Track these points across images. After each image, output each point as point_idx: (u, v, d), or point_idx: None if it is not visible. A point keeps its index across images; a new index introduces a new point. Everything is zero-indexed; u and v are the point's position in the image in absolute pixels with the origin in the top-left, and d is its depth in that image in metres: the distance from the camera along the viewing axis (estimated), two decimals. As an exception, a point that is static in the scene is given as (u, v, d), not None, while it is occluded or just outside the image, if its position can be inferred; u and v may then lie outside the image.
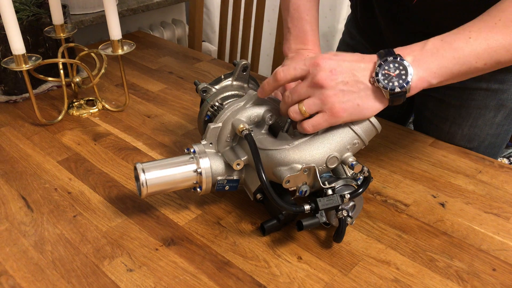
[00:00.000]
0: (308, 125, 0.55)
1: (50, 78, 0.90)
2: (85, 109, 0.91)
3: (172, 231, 0.62)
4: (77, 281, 0.54)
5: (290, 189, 0.56)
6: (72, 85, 0.94)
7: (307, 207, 0.55)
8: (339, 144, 0.56)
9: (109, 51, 0.84)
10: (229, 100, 0.66)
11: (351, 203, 0.59)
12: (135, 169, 0.58)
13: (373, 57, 0.54)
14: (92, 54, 0.94)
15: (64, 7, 0.94)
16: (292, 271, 0.56)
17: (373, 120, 0.56)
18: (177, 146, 0.80)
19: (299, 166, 0.55)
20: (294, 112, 0.56)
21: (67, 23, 0.94)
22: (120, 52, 0.83)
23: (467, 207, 0.66)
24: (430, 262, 0.57)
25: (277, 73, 0.56)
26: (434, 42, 0.53)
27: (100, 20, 1.33)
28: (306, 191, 0.56)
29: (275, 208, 0.60)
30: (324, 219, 0.56)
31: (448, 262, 0.57)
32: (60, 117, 0.87)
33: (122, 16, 1.40)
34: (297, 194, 0.56)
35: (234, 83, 0.70)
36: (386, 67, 0.52)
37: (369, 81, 0.53)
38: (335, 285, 0.54)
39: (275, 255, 0.58)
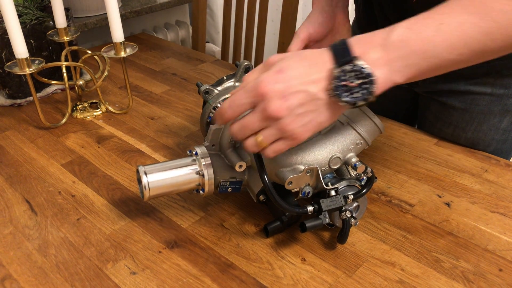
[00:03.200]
0: (269, 152, 0.48)
1: (53, 82, 0.91)
2: (89, 111, 0.91)
3: (175, 233, 0.62)
4: (80, 284, 0.54)
5: (293, 191, 0.55)
6: (76, 88, 0.94)
7: (310, 208, 0.55)
8: (342, 145, 0.55)
9: (112, 53, 0.84)
10: None
11: (355, 204, 0.58)
12: (138, 171, 0.58)
13: (326, 61, 0.45)
14: (95, 57, 0.94)
15: (67, 10, 0.94)
16: (296, 273, 0.55)
17: (377, 120, 0.56)
18: (181, 148, 0.80)
19: (302, 167, 0.54)
20: (251, 146, 0.48)
21: (70, 26, 0.95)
22: (122, 54, 0.83)
23: (473, 206, 0.65)
24: (435, 262, 0.56)
25: (223, 112, 0.48)
26: (400, 32, 0.44)
27: (104, 23, 1.34)
28: (309, 192, 0.55)
29: (278, 210, 0.60)
30: (327, 220, 0.56)
31: (453, 262, 0.56)
32: (64, 120, 0.88)
33: (125, 18, 1.40)
34: (300, 195, 0.55)
35: (237, 84, 0.70)
36: (344, 78, 0.43)
37: (327, 94, 0.45)
38: (339, 286, 0.54)
39: (278, 256, 0.58)
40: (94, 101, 0.94)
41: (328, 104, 0.46)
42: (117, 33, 0.81)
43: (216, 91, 0.69)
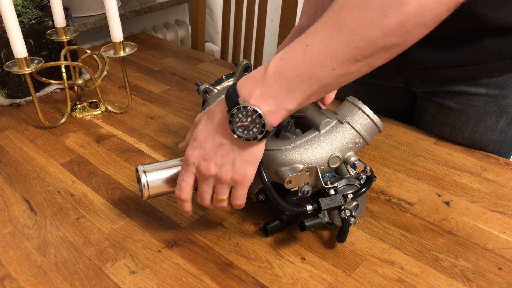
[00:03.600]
0: (236, 202, 0.54)
1: (53, 81, 0.91)
2: (88, 111, 0.91)
3: (174, 232, 0.62)
4: (80, 283, 0.54)
5: (292, 190, 0.55)
6: (75, 87, 0.94)
7: (309, 207, 0.55)
8: (341, 144, 0.55)
9: (111, 53, 0.84)
10: None
11: (354, 203, 0.58)
12: (137, 171, 0.58)
13: (222, 109, 0.51)
14: (95, 56, 0.94)
15: (66, 9, 0.94)
16: (295, 272, 0.55)
17: (375, 118, 0.56)
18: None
19: (301, 166, 0.54)
20: (218, 206, 0.55)
21: (69, 25, 0.95)
22: (122, 54, 0.83)
23: (472, 205, 0.65)
24: (434, 261, 0.56)
25: (179, 197, 0.56)
26: (274, 64, 0.47)
27: (103, 22, 1.34)
28: (308, 191, 0.55)
29: (277, 209, 0.60)
30: (326, 219, 0.56)
31: (453, 261, 0.56)
32: (63, 120, 0.88)
33: (125, 18, 1.40)
34: (299, 194, 0.55)
35: None
36: (238, 119, 0.48)
37: (233, 137, 0.50)
38: (338, 285, 0.54)
39: (278, 255, 0.58)
40: (94, 100, 0.94)
41: (239, 144, 0.51)
42: (116, 32, 0.81)
43: (215, 90, 0.69)
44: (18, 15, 0.90)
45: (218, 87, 0.69)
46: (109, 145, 0.81)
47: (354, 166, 0.55)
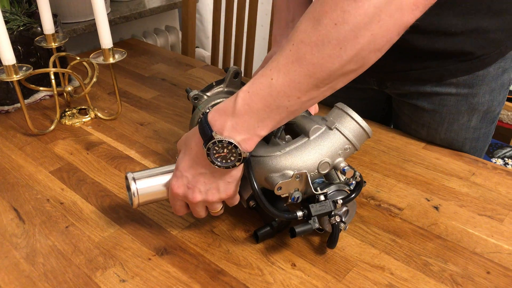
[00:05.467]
0: (231, 205, 0.59)
1: (41, 88, 0.90)
2: (78, 118, 0.91)
3: (165, 240, 0.61)
4: (69, 293, 0.54)
5: (282, 196, 0.56)
6: (64, 94, 0.93)
7: (299, 213, 0.55)
8: (330, 150, 0.56)
9: (100, 59, 0.84)
10: None
11: (344, 208, 0.58)
12: (126, 178, 0.58)
13: (198, 141, 0.53)
14: (84, 63, 0.94)
15: (55, 16, 0.94)
16: (286, 279, 0.55)
17: (364, 124, 0.56)
18: (170, 154, 0.80)
19: (291, 173, 0.55)
20: (216, 215, 0.60)
21: (58, 32, 0.94)
22: (111, 60, 0.83)
23: (461, 210, 0.66)
24: (424, 266, 0.57)
25: (177, 214, 0.60)
26: (242, 97, 0.50)
27: (93, 28, 1.33)
28: (298, 197, 0.56)
29: (268, 215, 0.60)
30: (317, 225, 0.56)
31: (442, 266, 0.57)
32: (52, 127, 0.87)
33: (115, 23, 1.40)
34: (290, 200, 0.56)
35: (226, 89, 0.70)
36: (215, 151, 0.51)
37: (212, 166, 0.53)
38: (329, 291, 0.54)
39: (268, 262, 0.58)
40: (83, 107, 0.94)
41: (218, 171, 0.53)
42: (106, 39, 0.81)
43: (205, 97, 0.69)
44: (6, 22, 0.89)
45: (208, 94, 0.69)
46: (98, 152, 0.81)
47: (343, 172, 0.55)
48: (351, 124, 0.56)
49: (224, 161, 0.52)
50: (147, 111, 0.94)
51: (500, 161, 1.28)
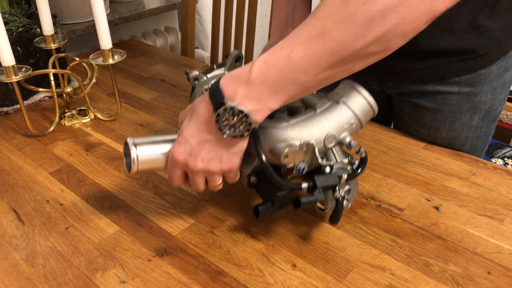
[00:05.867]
0: (231, 181, 0.57)
1: (41, 89, 0.90)
2: (77, 119, 0.91)
3: (165, 241, 0.61)
4: (69, 294, 0.54)
5: (287, 166, 0.55)
6: (64, 95, 0.93)
7: (304, 185, 0.55)
8: (336, 124, 0.55)
9: (100, 60, 0.83)
10: None
11: (347, 187, 0.57)
12: (126, 144, 0.56)
13: (208, 108, 0.52)
14: (83, 64, 0.94)
15: (54, 17, 0.94)
16: (287, 279, 0.55)
17: (371, 100, 0.56)
18: (170, 155, 0.80)
19: (297, 143, 0.54)
20: (214, 190, 0.58)
21: (58, 33, 0.94)
22: (110, 61, 0.83)
23: (461, 210, 0.66)
24: (425, 266, 0.57)
25: (173, 185, 0.58)
26: (259, 67, 0.48)
27: (92, 29, 1.33)
28: (304, 168, 0.55)
29: (269, 192, 0.59)
30: (322, 196, 0.55)
31: (443, 266, 0.57)
32: (51, 128, 0.87)
33: (114, 24, 1.40)
34: (295, 172, 0.55)
35: (227, 72, 0.69)
36: (224, 119, 0.50)
37: (219, 134, 0.52)
38: (330, 292, 0.54)
39: (269, 263, 0.58)
40: (83, 108, 0.94)
41: (225, 140, 0.52)
42: (105, 40, 0.81)
43: (205, 78, 0.68)
44: (6, 23, 0.89)
45: (209, 75, 0.68)
46: (98, 153, 0.81)
47: (349, 146, 0.55)
48: (359, 99, 0.56)
49: (232, 129, 0.50)
50: (147, 112, 0.94)
51: (500, 161, 1.28)
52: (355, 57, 0.47)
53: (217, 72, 0.69)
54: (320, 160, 0.55)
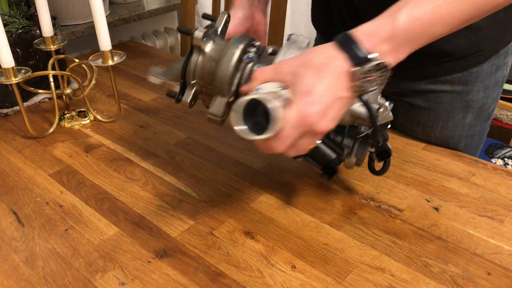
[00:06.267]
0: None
1: (40, 91, 0.90)
2: (77, 120, 0.91)
3: (164, 242, 0.61)
4: (68, 296, 0.54)
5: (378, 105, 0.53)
6: (63, 96, 0.93)
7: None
8: None
9: (99, 62, 0.84)
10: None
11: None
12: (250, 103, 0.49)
13: (343, 64, 0.48)
14: (83, 65, 0.94)
15: (53, 18, 0.94)
16: (286, 281, 0.55)
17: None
18: (170, 156, 0.80)
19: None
20: (293, 155, 0.52)
21: (57, 34, 0.94)
22: (110, 63, 0.83)
23: (461, 210, 0.66)
24: (424, 267, 0.57)
25: (274, 148, 0.50)
26: (403, 21, 0.47)
27: (92, 31, 1.33)
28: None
29: (324, 154, 0.60)
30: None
31: (443, 267, 0.57)
32: (51, 130, 0.87)
33: (114, 26, 1.40)
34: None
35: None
36: (366, 75, 0.48)
37: (353, 91, 0.49)
38: (329, 293, 0.54)
39: (268, 264, 0.58)
40: (82, 109, 0.94)
41: (352, 97, 0.50)
42: (105, 41, 0.81)
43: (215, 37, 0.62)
44: (5, 25, 0.89)
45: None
46: (98, 154, 0.81)
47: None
48: None
49: (370, 85, 0.49)
50: (147, 113, 0.94)
51: (500, 161, 1.28)
52: (492, 11, 0.50)
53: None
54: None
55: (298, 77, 0.49)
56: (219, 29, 0.63)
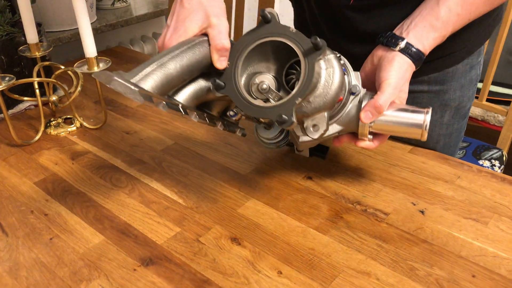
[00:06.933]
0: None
1: (25, 98, 0.89)
2: (63, 127, 0.90)
3: (150, 250, 0.61)
4: (52, 306, 0.53)
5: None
6: (49, 104, 0.93)
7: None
8: None
9: (84, 69, 0.83)
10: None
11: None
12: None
13: (411, 66, 0.65)
14: (69, 72, 0.93)
15: (39, 25, 0.93)
16: (272, 287, 0.55)
17: None
18: (156, 162, 0.79)
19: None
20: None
21: (43, 41, 0.93)
22: (95, 69, 0.82)
23: (446, 213, 0.66)
24: (410, 271, 0.57)
25: (381, 109, 0.62)
26: (444, 17, 0.62)
27: (78, 37, 1.32)
28: None
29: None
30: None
31: (428, 270, 0.57)
32: (37, 137, 0.86)
33: (101, 32, 1.39)
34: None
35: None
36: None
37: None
38: (315, 299, 0.54)
39: (255, 270, 0.57)
40: (69, 116, 0.93)
41: None
42: (90, 48, 0.81)
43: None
44: (-11, 32, 0.89)
45: None
46: (84, 161, 0.80)
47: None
48: None
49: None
50: (133, 119, 0.94)
51: (487, 163, 1.29)
52: (495, 6, 0.66)
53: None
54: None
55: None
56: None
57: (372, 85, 0.66)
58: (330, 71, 0.57)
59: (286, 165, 0.77)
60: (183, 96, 0.57)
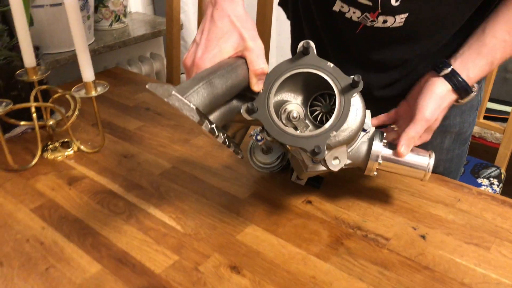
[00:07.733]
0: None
1: (22, 122, 0.89)
2: (60, 151, 0.89)
3: (148, 279, 0.60)
4: None
5: None
6: (47, 127, 0.92)
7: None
8: None
9: (82, 93, 0.83)
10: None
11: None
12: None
13: (453, 97, 0.68)
14: (67, 95, 0.93)
15: (36, 48, 0.93)
16: (273, 317, 0.54)
17: None
18: (154, 187, 0.79)
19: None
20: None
21: (40, 65, 0.93)
22: (93, 94, 0.82)
23: (447, 238, 0.66)
24: (413, 299, 0.56)
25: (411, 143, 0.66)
26: (485, 64, 0.65)
27: (76, 58, 1.33)
28: None
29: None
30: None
31: (431, 298, 0.56)
32: (33, 162, 0.85)
33: (99, 53, 1.39)
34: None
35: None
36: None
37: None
38: (317, 330, 0.53)
39: (255, 300, 0.56)
40: (66, 140, 0.92)
41: None
42: (87, 73, 0.81)
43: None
44: (-14, 57, 0.89)
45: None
46: (81, 187, 0.79)
47: None
48: None
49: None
50: (131, 142, 0.93)
51: (486, 181, 1.29)
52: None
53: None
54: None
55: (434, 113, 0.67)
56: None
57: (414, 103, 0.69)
58: (356, 107, 0.58)
59: (286, 189, 0.76)
60: (215, 116, 0.57)
